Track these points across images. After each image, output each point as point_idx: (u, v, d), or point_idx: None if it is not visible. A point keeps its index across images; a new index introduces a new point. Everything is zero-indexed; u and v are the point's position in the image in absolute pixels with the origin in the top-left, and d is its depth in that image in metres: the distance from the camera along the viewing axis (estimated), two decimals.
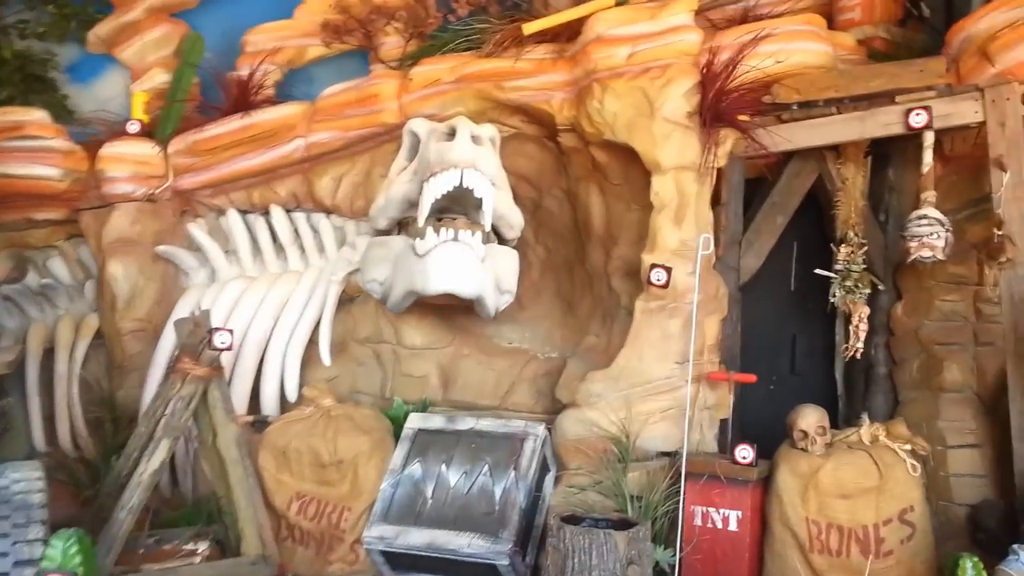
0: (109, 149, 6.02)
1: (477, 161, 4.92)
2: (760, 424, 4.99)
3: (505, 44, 5.49)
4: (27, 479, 4.16)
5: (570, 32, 5.41)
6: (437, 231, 4.98)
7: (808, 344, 5.52)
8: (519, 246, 5.51)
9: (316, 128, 5.83)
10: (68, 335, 6.27)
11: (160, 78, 6.36)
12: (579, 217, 5.56)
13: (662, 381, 4.92)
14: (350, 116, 5.76)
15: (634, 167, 5.17)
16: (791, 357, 5.51)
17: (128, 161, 6.04)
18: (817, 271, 5.08)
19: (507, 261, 5.33)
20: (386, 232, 5.49)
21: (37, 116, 6.05)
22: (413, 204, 5.19)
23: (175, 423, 4.89)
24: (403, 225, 5.43)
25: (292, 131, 5.86)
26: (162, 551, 4.78)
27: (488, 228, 5.14)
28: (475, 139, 4.96)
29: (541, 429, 5.01)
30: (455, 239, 4.97)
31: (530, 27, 5.41)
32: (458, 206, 5.07)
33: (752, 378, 4.91)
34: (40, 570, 3.87)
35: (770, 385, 5.43)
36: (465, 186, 4.88)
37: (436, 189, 4.92)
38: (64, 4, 6.49)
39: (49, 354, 6.28)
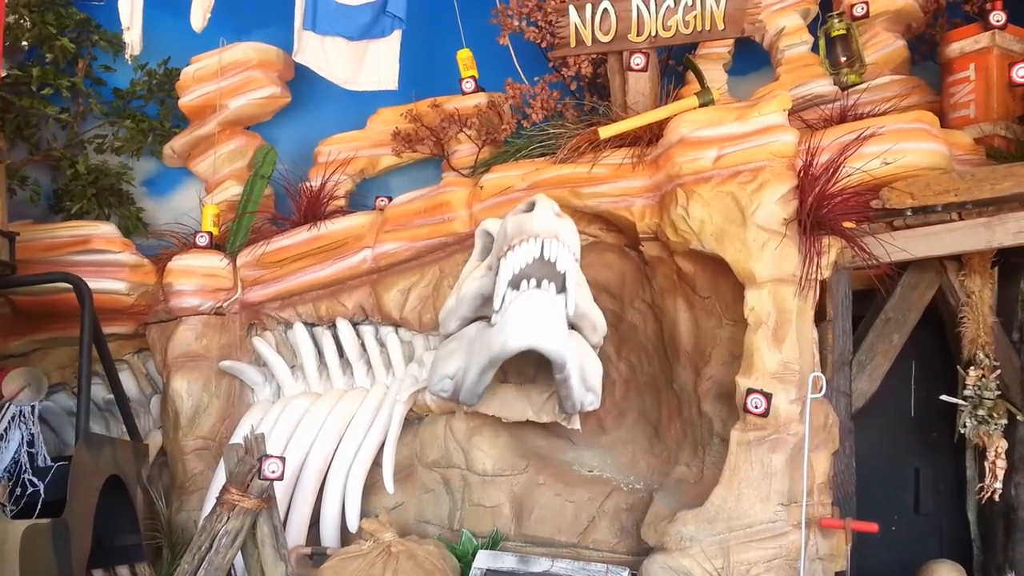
0: (178, 262, 5.57)
1: (559, 232, 4.17)
2: (881, 573, 4.00)
3: (581, 149, 4.88)
4: None
5: (650, 135, 4.78)
6: (517, 287, 4.20)
7: (934, 479, 4.61)
8: (600, 360, 4.69)
9: (384, 238, 5.28)
10: None
11: (233, 190, 5.94)
12: (665, 332, 4.80)
13: (765, 526, 4.05)
14: (419, 226, 5.20)
15: (725, 279, 4.44)
16: (915, 494, 4.57)
17: (196, 274, 5.56)
18: (943, 397, 4.14)
19: (591, 358, 4.53)
20: None
21: (104, 230, 5.63)
22: (488, 299, 4.49)
23: (219, 562, 4.19)
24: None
25: (360, 241, 5.34)
26: None
27: (572, 306, 4.28)
28: (555, 212, 4.26)
29: (625, 575, 4.16)
30: (537, 287, 4.15)
31: (607, 130, 4.80)
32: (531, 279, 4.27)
33: (873, 527, 4.00)
34: None
35: (891, 527, 4.47)
36: (546, 257, 4.12)
37: (515, 262, 4.15)
38: (141, 119, 6.12)
39: None
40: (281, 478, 4.40)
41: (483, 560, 4.45)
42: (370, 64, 5.71)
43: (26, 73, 5.76)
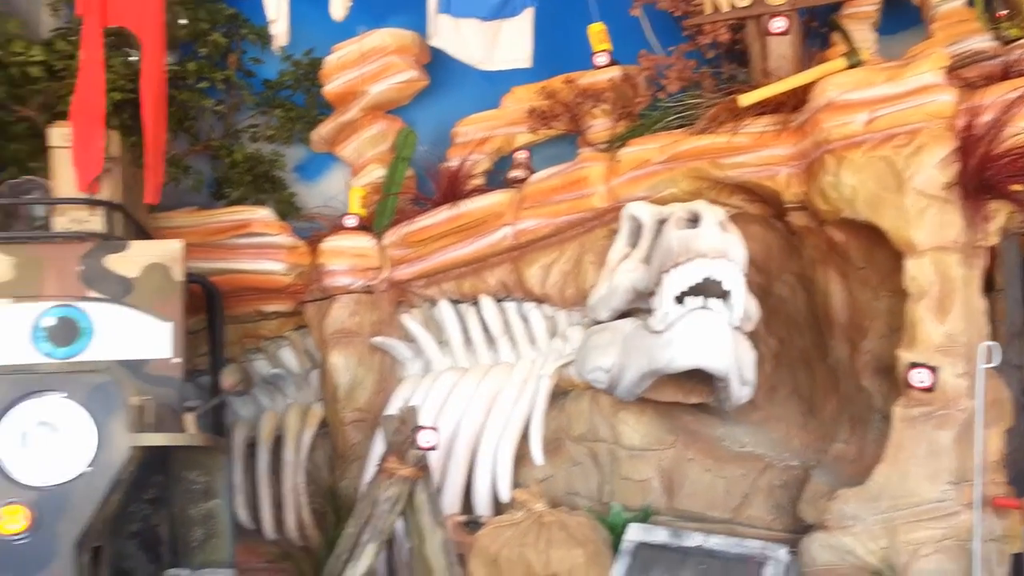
0: (329, 243, 5.64)
1: (728, 250, 4.10)
2: None
3: (720, 118, 4.64)
4: None
5: (795, 101, 4.49)
6: (681, 301, 4.15)
7: None
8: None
9: (523, 215, 5.17)
10: (296, 424, 5.86)
11: (377, 173, 5.94)
12: (817, 305, 4.54)
13: (933, 505, 3.79)
14: (557, 202, 5.07)
15: (881, 248, 4.14)
16: None
17: (347, 254, 5.61)
18: None
19: (746, 351, 4.42)
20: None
21: (262, 214, 5.75)
22: (640, 294, 4.44)
23: (381, 526, 4.29)
24: (625, 315, 4.65)
25: (500, 219, 5.24)
26: None
27: (737, 319, 4.24)
28: (721, 225, 4.16)
29: (783, 552, 4.04)
30: (703, 307, 4.12)
31: (747, 98, 4.55)
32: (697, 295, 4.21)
33: None
34: None
35: None
36: (714, 278, 4.06)
37: (682, 281, 4.12)
38: (290, 108, 6.21)
39: (279, 442, 5.83)
40: (435, 448, 4.43)
41: (635, 533, 4.36)
42: (503, 43, 5.59)
43: (183, 68, 5.92)
